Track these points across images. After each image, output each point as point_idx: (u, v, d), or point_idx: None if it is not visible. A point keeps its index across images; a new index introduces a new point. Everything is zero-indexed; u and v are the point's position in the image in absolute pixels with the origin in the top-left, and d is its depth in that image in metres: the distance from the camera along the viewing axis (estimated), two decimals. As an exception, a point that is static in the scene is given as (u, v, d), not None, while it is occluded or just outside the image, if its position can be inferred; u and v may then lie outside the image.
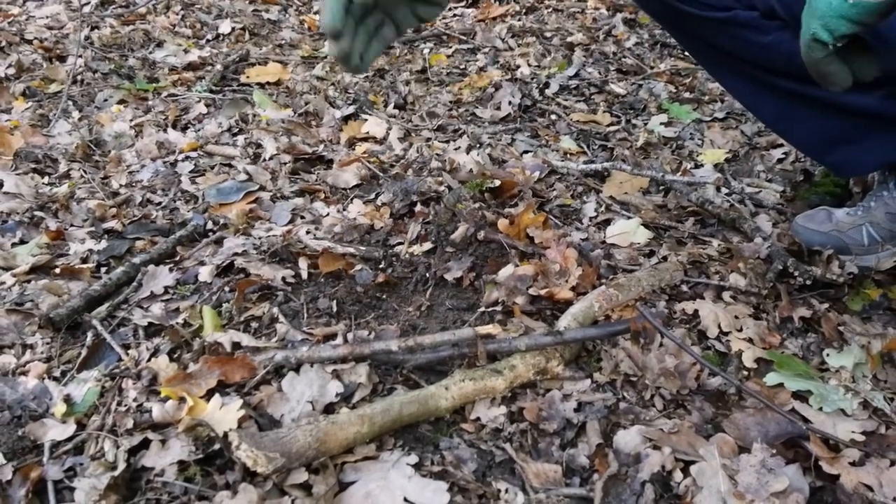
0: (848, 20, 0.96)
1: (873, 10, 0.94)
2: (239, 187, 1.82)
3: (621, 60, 2.77)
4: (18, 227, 1.65)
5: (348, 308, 1.39)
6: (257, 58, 2.78)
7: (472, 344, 1.18)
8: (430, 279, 1.45)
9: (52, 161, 1.98)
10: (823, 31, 0.98)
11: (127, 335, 1.32)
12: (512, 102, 2.36)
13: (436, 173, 1.84)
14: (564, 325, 1.24)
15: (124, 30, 2.99)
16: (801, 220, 1.54)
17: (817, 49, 1.01)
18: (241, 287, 1.40)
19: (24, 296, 1.41)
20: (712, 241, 1.59)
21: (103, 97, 2.38)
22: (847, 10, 0.95)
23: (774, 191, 1.80)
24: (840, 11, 0.96)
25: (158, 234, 1.64)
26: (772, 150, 2.02)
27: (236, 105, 2.34)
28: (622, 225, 1.63)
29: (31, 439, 1.09)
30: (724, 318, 1.34)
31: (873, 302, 1.42)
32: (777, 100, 1.47)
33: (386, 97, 2.45)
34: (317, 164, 1.99)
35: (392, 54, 2.88)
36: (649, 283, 1.39)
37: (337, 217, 1.68)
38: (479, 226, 1.53)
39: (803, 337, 1.33)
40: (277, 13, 3.37)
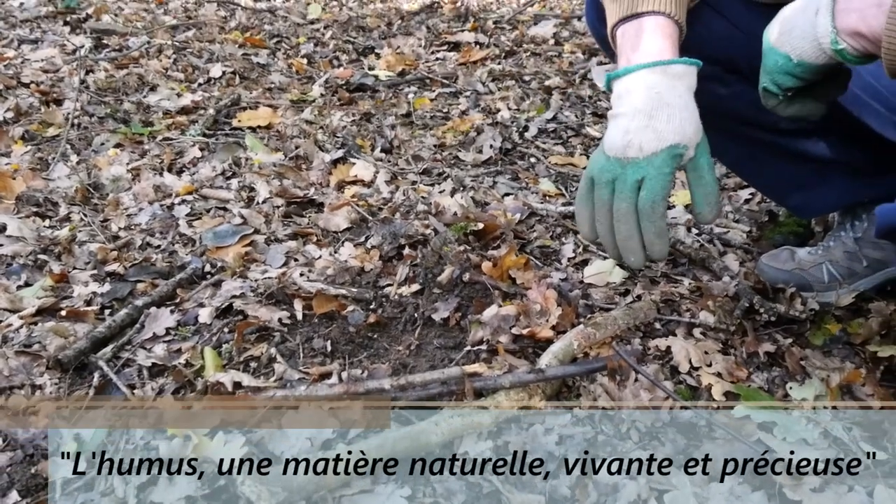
0: (793, 76, 1.05)
1: (815, 69, 1.03)
2: (234, 231, 1.90)
3: (597, 104, 2.89)
4: (23, 270, 1.72)
5: (342, 348, 1.47)
6: (248, 101, 2.88)
7: (460, 382, 1.27)
8: (419, 319, 1.54)
9: (53, 204, 2.05)
10: (772, 84, 1.08)
11: (132, 375, 1.39)
12: (493, 146, 2.47)
13: (422, 216, 1.94)
14: (546, 362, 1.32)
15: (119, 74, 3.08)
16: (766, 260, 1.64)
17: (770, 98, 1.11)
18: (240, 328, 1.48)
19: (32, 338, 1.48)
20: (683, 279, 1.68)
21: (100, 141, 2.47)
22: (792, 68, 1.04)
23: (741, 231, 1.90)
24: (786, 69, 1.05)
25: (159, 276, 1.72)
26: (739, 190, 2.13)
27: (229, 149, 2.43)
28: (599, 265, 1.72)
29: (43, 477, 1.16)
30: (695, 353, 1.42)
31: (833, 336, 1.50)
32: (739, 146, 1.54)
33: (373, 141, 2.55)
34: (308, 208, 2.08)
35: (378, 98, 2.98)
36: (625, 322, 1.48)
37: (329, 259, 1.76)
38: (465, 268, 1.62)
39: (768, 371, 1.42)
40: (266, 57, 3.47)
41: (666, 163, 1.12)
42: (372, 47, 3.68)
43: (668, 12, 1.18)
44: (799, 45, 1.02)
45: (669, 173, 1.12)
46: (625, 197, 1.13)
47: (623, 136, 1.13)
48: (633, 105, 1.14)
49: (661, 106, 1.13)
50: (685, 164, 1.15)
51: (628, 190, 1.12)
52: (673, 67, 1.15)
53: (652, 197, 1.12)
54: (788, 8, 1.05)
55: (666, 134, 1.12)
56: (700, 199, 1.17)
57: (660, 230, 1.13)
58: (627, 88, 1.16)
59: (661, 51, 1.17)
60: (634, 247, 1.14)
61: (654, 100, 1.13)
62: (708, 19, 1.39)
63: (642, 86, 1.14)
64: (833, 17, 0.97)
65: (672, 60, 1.15)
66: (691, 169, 1.16)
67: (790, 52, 1.03)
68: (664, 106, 1.13)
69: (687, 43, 1.34)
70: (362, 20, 4.13)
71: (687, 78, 1.16)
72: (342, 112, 2.82)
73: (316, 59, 3.53)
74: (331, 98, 3.01)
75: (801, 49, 1.02)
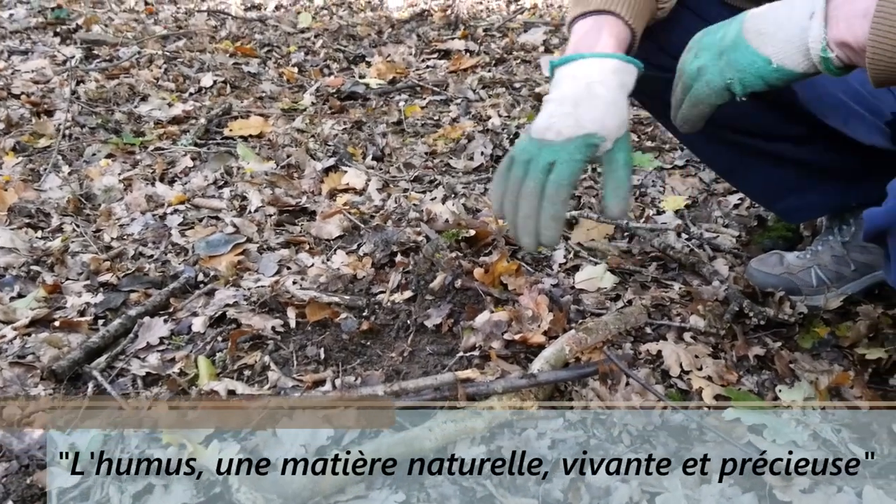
0: (765, 81, 1.02)
1: (792, 77, 1.01)
2: (227, 240, 1.91)
3: (587, 110, 2.91)
4: (16, 282, 1.72)
5: (335, 355, 1.48)
6: (239, 111, 2.89)
7: (453, 387, 1.28)
8: (412, 326, 1.55)
9: (45, 215, 2.06)
10: (738, 84, 1.04)
11: (126, 385, 1.40)
12: (484, 153, 2.48)
13: (414, 224, 1.95)
14: (538, 367, 1.33)
15: (109, 84, 3.09)
16: (755, 264, 1.65)
17: (719, 98, 1.08)
18: (234, 337, 1.49)
19: (26, 349, 1.48)
20: (674, 284, 1.70)
21: (91, 151, 2.47)
22: (769, 73, 1.01)
23: (731, 236, 1.92)
24: (761, 72, 1.02)
25: (152, 286, 1.72)
26: (728, 196, 2.15)
27: (221, 158, 2.44)
28: (590, 271, 1.74)
29: (38, 487, 1.17)
30: (686, 357, 1.44)
31: (822, 340, 1.52)
32: (728, 152, 1.56)
33: (364, 149, 2.56)
34: (300, 216, 2.09)
35: (369, 106, 3.00)
36: (616, 327, 1.50)
37: (322, 267, 1.77)
38: (457, 274, 1.63)
39: (758, 374, 1.43)
40: (257, 66, 3.49)
41: (579, 150, 1.13)
42: (363, 55, 3.69)
43: (620, 14, 1.22)
44: (783, 49, 0.99)
45: (580, 160, 1.14)
46: (534, 177, 1.14)
47: (547, 120, 1.16)
48: (563, 92, 1.18)
49: (588, 96, 1.15)
50: (601, 156, 1.17)
51: (539, 171, 1.14)
52: (608, 62, 1.18)
53: (558, 180, 1.13)
54: (770, 7, 1.03)
55: (585, 122, 1.14)
56: (609, 193, 1.18)
57: (556, 214, 1.14)
58: (564, 76, 1.20)
59: (603, 46, 1.21)
60: (531, 228, 1.15)
61: (583, 90, 1.16)
62: (688, 23, 1.41)
63: (576, 75, 1.18)
64: (826, 24, 0.95)
65: (608, 55, 1.19)
66: (607, 161, 1.18)
67: (771, 55, 1.00)
68: (591, 97, 1.15)
69: (669, 47, 1.37)
70: (353, 29, 4.14)
71: (621, 74, 1.18)
72: (333, 120, 2.83)
73: (307, 68, 3.54)
74: (322, 106, 3.02)
75: (785, 53, 0.99)
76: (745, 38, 1.03)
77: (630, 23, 1.23)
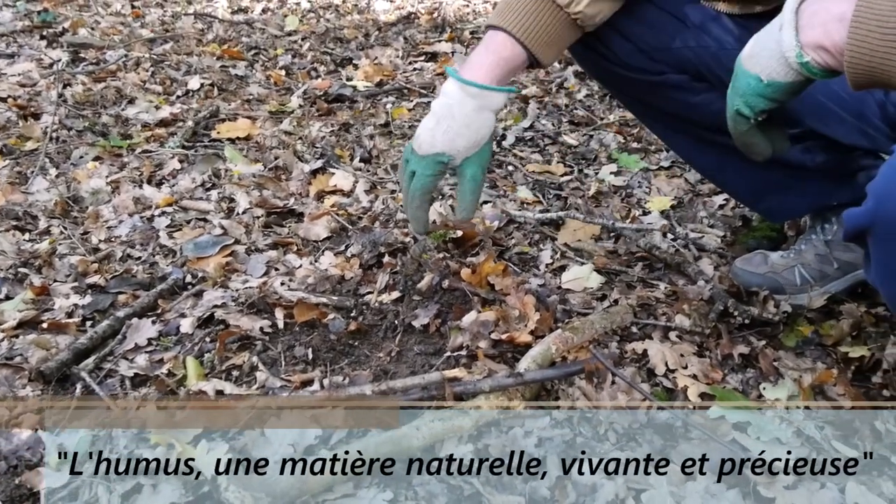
0: (764, 97, 1.07)
1: (785, 88, 1.05)
2: (215, 241, 1.91)
3: (573, 112, 2.93)
4: (4, 284, 1.72)
5: (323, 355, 1.49)
6: (227, 113, 2.89)
7: (441, 387, 1.29)
8: (399, 326, 1.56)
9: (32, 218, 2.05)
10: (745, 107, 1.10)
11: (114, 386, 1.40)
12: (472, 154, 2.49)
13: (402, 225, 1.96)
14: (524, 366, 1.34)
15: (96, 87, 3.08)
16: (740, 263, 1.67)
17: (742, 123, 1.13)
18: (222, 338, 1.49)
19: (14, 350, 1.48)
20: (659, 284, 1.72)
21: (79, 154, 2.46)
22: (763, 89, 1.06)
23: (716, 236, 1.94)
24: (757, 91, 1.07)
25: (140, 287, 1.72)
26: (713, 196, 2.17)
27: (208, 160, 2.44)
28: (576, 271, 1.75)
29: (27, 487, 1.17)
30: (671, 356, 1.45)
31: (805, 338, 1.54)
32: (710, 152, 1.58)
33: (352, 151, 2.57)
34: (288, 218, 2.09)
35: (356, 109, 3.01)
36: (602, 326, 1.51)
37: (309, 268, 1.78)
38: (444, 275, 1.64)
39: (743, 372, 1.45)
40: (244, 69, 3.48)
41: (430, 166, 1.36)
42: (350, 58, 3.70)
43: (515, 32, 1.32)
44: (768, 65, 1.04)
45: (430, 175, 1.36)
46: (405, 179, 1.40)
47: (418, 132, 1.37)
48: (435, 107, 1.35)
49: (447, 116, 1.33)
50: (454, 170, 1.39)
51: (406, 176, 1.40)
52: (469, 87, 1.32)
53: (414, 189, 1.38)
54: (760, 31, 1.08)
55: (437, 142, 1.34)
56: (458, 200, 1.42)
57: (414, 214, 1.41)
58: (444, 90, 1.36)
59: (479, 66, 1.33)
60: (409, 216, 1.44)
61: (445, 110, 1.33)
62: (674, 30, 1.43)
63: (447, 93, 1.34)
64: (797, 31, 0.99)
65: (468, 81, 1.31)
66: (458, 174, 1.41)
67: (760, 72, 1.06)
68: (449, 117, 1.33)
69: (646, 47, 1.41)
70: (340, 31, 4.14)
71: (480, 99, 1.32)
72: (321, 123, 2.83)
73: (294, 71, 3.54)
74: (309, 109, 3.02)
75: (770, 68, 1.04)
76: (742, 65, 1.09)
77: (522, 39, 1.32)
